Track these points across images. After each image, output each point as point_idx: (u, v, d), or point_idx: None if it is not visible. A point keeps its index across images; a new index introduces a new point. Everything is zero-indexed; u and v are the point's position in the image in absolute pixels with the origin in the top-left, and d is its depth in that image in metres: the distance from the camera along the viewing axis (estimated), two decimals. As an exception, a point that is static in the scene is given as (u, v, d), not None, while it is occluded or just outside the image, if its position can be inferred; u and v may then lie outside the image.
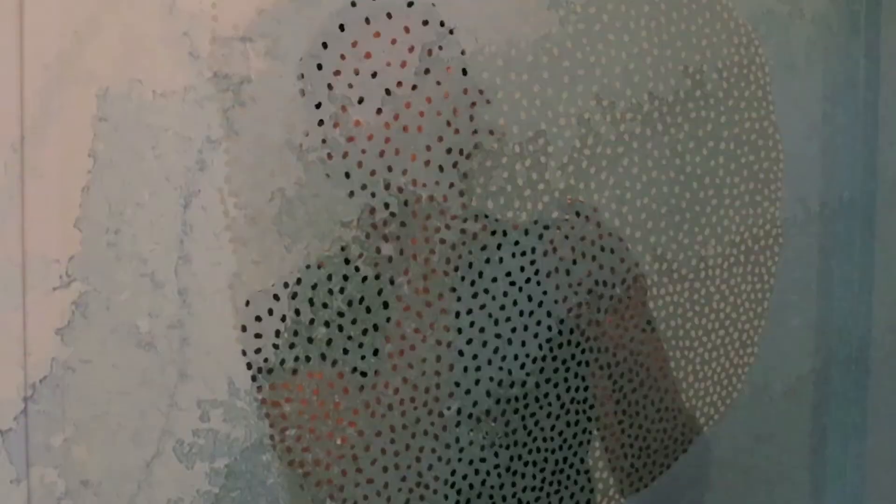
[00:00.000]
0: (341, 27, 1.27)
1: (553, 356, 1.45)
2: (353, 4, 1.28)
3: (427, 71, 1.31)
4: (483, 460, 1.41)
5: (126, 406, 1.17)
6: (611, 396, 1.52)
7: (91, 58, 1.13)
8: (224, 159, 1.20)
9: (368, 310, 1.30)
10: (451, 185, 1.35)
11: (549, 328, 1.44)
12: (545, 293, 1.44)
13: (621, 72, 1.49)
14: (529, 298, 1.43)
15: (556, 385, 1.46)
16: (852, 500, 1.79)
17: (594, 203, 1.47)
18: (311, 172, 1.25)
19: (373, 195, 1.29)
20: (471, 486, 1.40)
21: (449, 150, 1.33)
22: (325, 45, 1.25)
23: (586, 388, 1.49)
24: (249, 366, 1.23)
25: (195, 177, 1.19)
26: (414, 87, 1.30)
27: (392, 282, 1.31)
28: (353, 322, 1.29)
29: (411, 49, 1.30)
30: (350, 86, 1.26)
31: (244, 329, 1.23)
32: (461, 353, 1.37)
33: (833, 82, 1.73)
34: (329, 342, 1.28)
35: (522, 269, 1.42)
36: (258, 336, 1.24)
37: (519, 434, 1.43)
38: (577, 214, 1.45)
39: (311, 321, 1.27)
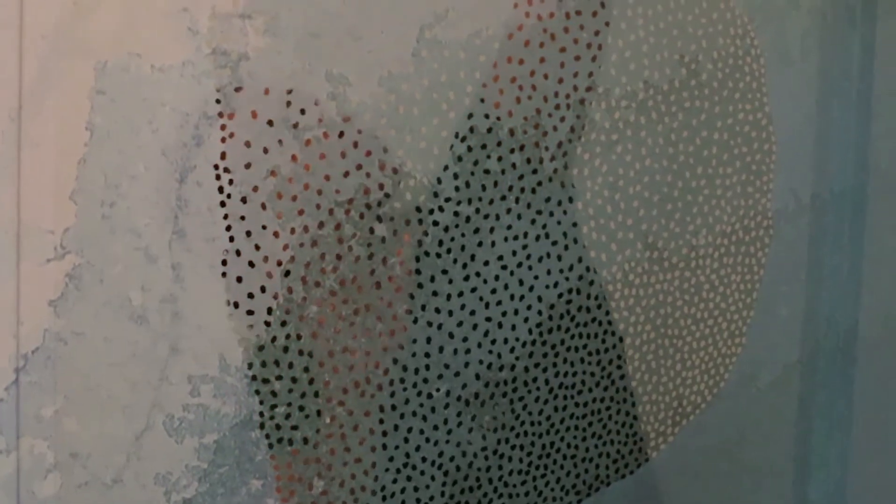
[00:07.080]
0: None
1: (543, 341, 1.46)
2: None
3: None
4: (471, 443, 1.41)
5: (117, 379, 1.18)
6: (599, 382, 1.53)
7: (90, 30, 1.13)
8: (220, 135, 1.20)
9: (360, 289, 1.30)
10: (446, 167, 1.35)
11: (540, 313, 1.45)
12: (536, 278, 1.44)
13: (617, 59, 1.50)
14: (520, 283, 1.43)
15: (544, 369, 1.46)
16: (836, 491, 1.80)
17: (586, 189, 1.48)
18: (307, 151, 1.25)
19: (368, 175, 1.29)
20: (458, 468, 1.41)
21: (444, 132, 1.34)
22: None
23: (574, 374, 1.50)
24: (241, 342, 1.24)
25: (191, 152, 1.19)
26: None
27: (385, 262, 1.32)
28: (345, 302, 1.30)
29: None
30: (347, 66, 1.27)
31: (236, 305, 1.23)
32: (451, 335, 1.38)
33: (828, 74, 1.73)
34: (321, 321, 1.28)
35: (514, 253, 1.42)
36: (250, 313, 1.24)
37: (507, 417, 1.44)
38: (570, 200, 1.46)
39: (304, 299, 1.27)
